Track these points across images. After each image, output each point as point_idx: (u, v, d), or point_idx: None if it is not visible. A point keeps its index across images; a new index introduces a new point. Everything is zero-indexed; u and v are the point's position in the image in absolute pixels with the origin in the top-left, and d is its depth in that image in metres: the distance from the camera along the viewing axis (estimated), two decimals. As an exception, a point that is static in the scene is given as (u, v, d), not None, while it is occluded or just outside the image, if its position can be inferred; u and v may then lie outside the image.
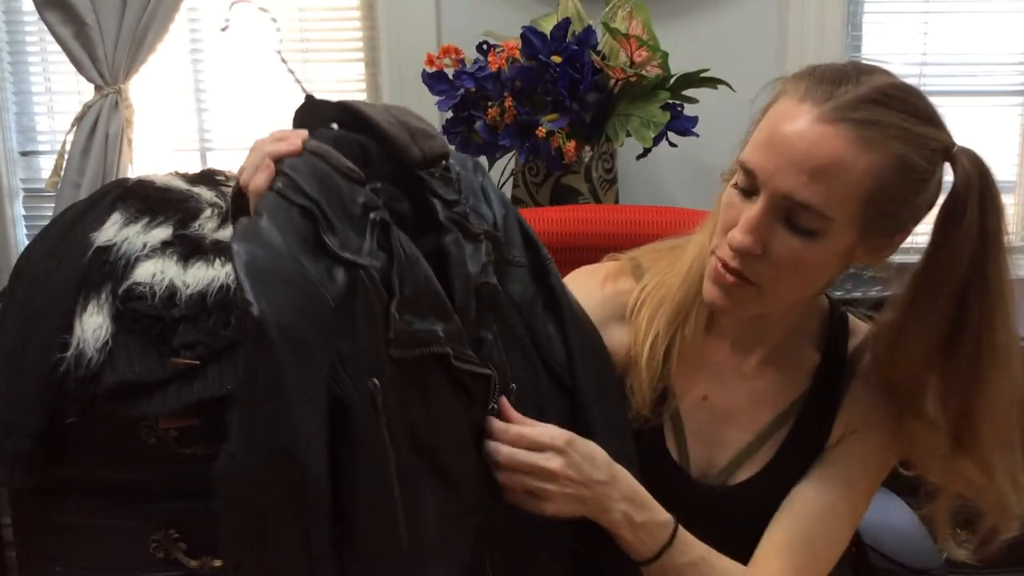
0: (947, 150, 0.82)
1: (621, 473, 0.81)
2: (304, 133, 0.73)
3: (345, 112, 0.77)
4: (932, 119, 0.82)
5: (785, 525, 0.89)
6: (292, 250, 0.65)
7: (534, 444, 0.77)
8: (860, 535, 1.09)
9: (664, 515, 0.83)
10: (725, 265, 0.82)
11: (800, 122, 0.77)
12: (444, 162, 0.77)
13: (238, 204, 0.72)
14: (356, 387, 0.65)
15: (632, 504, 0.81)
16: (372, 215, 0.69)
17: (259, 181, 0.68)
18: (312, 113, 0.78)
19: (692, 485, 0.92)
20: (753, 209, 0.79)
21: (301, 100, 0.78)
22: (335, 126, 0.77)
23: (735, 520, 0.89)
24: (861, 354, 0.94)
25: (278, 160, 0.69)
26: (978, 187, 0.80)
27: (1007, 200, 1.96)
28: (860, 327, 0.96)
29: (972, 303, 0.81)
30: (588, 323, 0.90)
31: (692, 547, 0.84)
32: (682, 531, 0.83)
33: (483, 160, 1.66)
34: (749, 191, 0.80)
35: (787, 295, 0.84)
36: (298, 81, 0.88)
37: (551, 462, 0.77)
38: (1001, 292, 0.81)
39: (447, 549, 0.73)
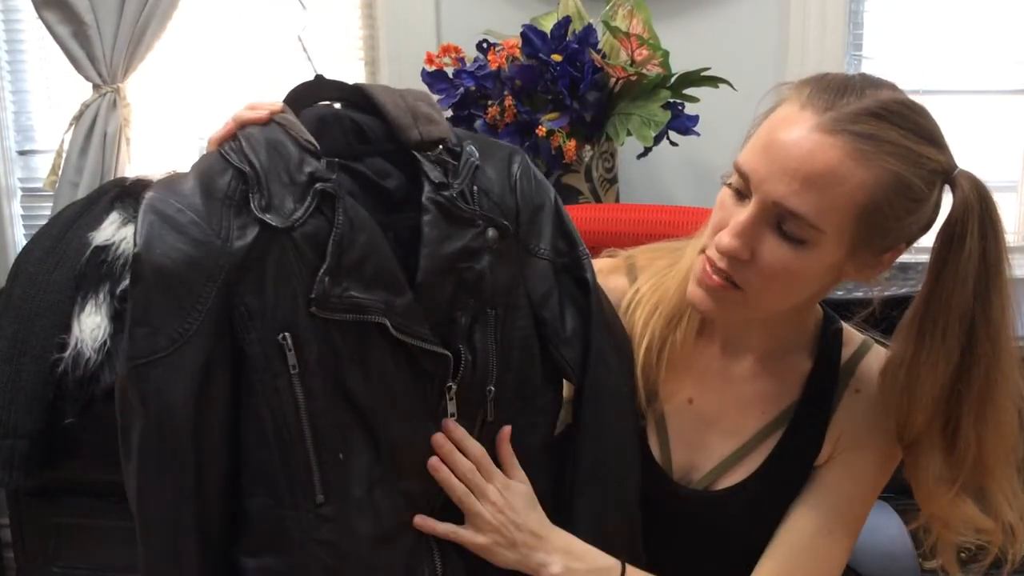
0: (947, 172, 0.80)
1: (555, 531, 0.82)
2: (277, 105, 0.79)
3: (356, 93, 0.84)
4: (934, 139, 0.79)
5: (779, 555, 0.87)
6: (199, 204, 0.73)
7: (487, 472, 0.81)
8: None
9: (607, 559, 0.83)
10: (712, 266, 0.81)
11: (798, 129, 0.76)
12: (442, 146, 0.80)
13: None
14: (260, 338, 0.73)
15: (571, 556, 0.81)
16: (317, 185, 0.74)
17: (215, 139, 0.77)
18: (313, 91, 0.85)
19: (673, 487, 0.91)
20: (743, 213, 0.78)
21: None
22: (337, 105, 0.83)
23: (717, 526, 0.88)
24: (855, 365, 0.92)
25: (242, 126, 0.77)
26: (978, 212, 0.79)
27: (1008, 200, 1.95)
28: (855, 337, 0.94)
29: (981, 335, 0.79)
30: (619, 328, 0.90)
31: None
32: (631, 569, 0.83)
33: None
34: (742, 193, 0.80)
35: (771, 303, 0.83)
36: (311, 61, 0.90)
37: (491, 492, 0.80)
38: (1005, 323, 0.80)
39: (372, 508, 0.76)
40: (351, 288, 0.74)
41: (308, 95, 0.85)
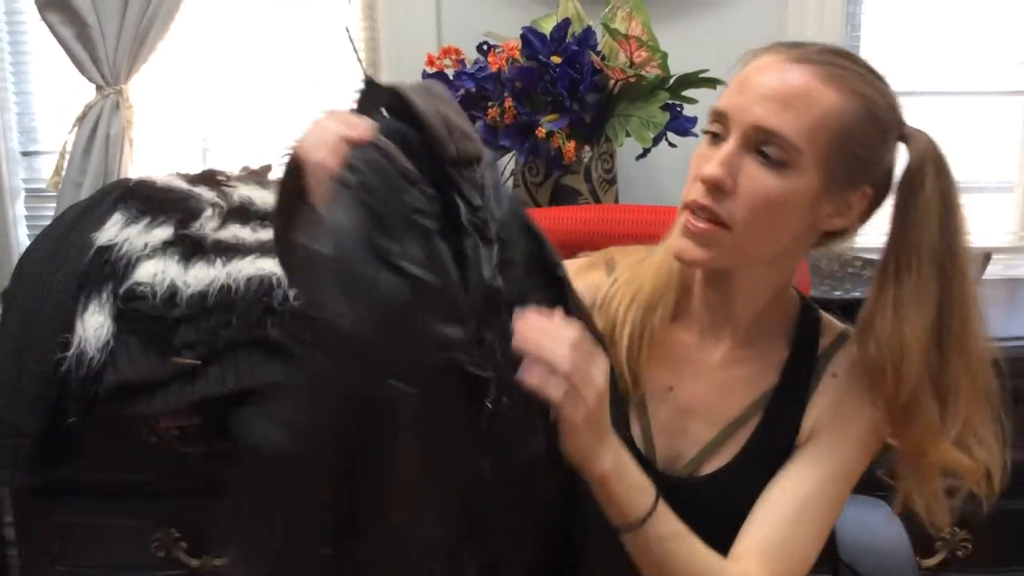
0: (901, 126, 0.86)
1: (613, 431, 0.80)
2: (372, 124, 0.72)
3: (395, 98, 0.75)
4: (889, 90, 0.86)
5: (761, 523, 0.87)
6: (359, 255, 0.65)
7: (586, 349, 0.75)
8: (838, 552, 1.09)
9: (647, 480, 0.81)
10: (697, 207, 0.82)
11: (769, 64, 0.82)
12: (476, 164, 0.76)
13: (291, 178, 0.71)
14: (399, 395, 0.66)
15: (620, 460, 0.79)
16: (421, 220, 0.68)
17: (329, 162, 0.67)
18: (371, 97, 0.76)
19: (659, 476, 0.91)
20: (725, 146, 0.81)
21: (360, 81, 0.77)
22: (383, 111, 0.77)
23: (703, 511, 0.88)
24: (832, 353, 0.93)
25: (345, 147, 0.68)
26: (933, 158, 0.85)
27: (1005, 200, 1.96)
28: (833, 326, 0.95)
29: (952, 270, 0.83)
30: (591, 323, 0.88)
31: (673, 518, 0.83)
32: (662, 501, 0.82)
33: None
34: (720, 137, 0.83)
35: (758, 242, 0.84)
36: (360, 61, 0.86)
37: (596, 373, 0.75)
38: (968, 258, 0.85)
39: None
40: (435, 327, 0.69)
41: (371, 102, 0.76)
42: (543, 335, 0.74)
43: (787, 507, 0.87)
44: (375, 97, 0.76)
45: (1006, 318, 1.74)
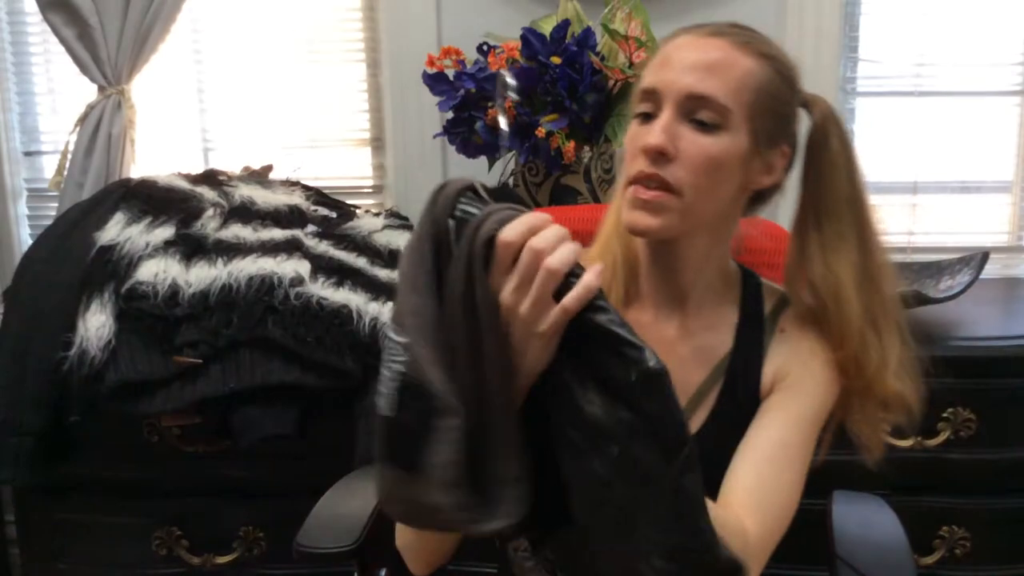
0: (802, 90, 0.95)
1: None
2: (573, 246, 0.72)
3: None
4: (790, 58, 0.96)
5: (742, 472, 0.89)
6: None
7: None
8: (835, 548, 1.10)
9: None
10: (644, 177, 0.86)
11: (687, 41, 0.89)
12: None
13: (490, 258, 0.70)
14: None
15: None
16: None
17: (576, 299, 0.69)
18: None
19: None
20: (661, 117, 0.87)
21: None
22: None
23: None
24: (778, 313, 0.97)
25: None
26: (833, 118, 0.94)
27: (1002, 200, 1.97)
28: (775, 289, 1.00)
29: (863, 214, 0.93)
30: None
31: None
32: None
33: (483, 159, 1.67)
34: (651, 114, 0.88)
35: (703, 204, 0.88)
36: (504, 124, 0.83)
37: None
38: (871, 203, 0.94)
39: None
40: None
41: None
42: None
43: (763, 452, 0.89)
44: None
45: (1004, 317, 1.74)
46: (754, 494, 0.87)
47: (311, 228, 1.67)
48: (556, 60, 1.54)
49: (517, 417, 0.71)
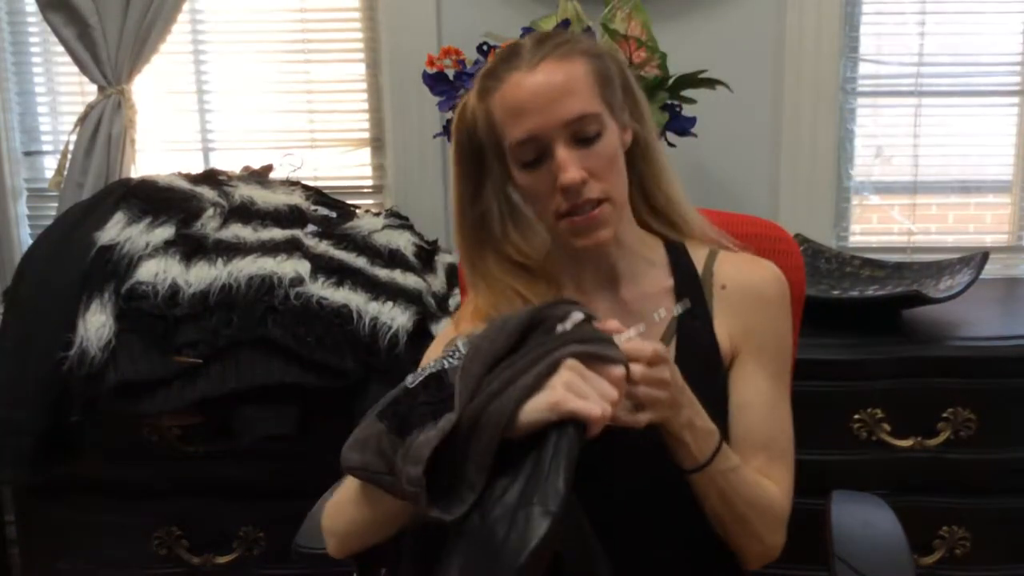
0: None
1: (686, 385, 0.90)
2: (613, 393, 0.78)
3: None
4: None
5: (749, 433, 0.98)
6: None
7: (659, 359, 0.84)
8: (834, 547, 1.10)
9: (712, 424, 0.91)
10: (579, 206, 0.93)
11: (522, 82, 0.93)
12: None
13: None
14: None
15: (694, 410, 0.90)
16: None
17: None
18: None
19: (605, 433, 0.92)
20: (558, 153, 0.92)
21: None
22: None
23: (654, 456, 0.92)
24: (711, 267, 1.03)
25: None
26: (623, 64, 1.03)
27: (1001, 200, 1.97)
28: (699, 247, 1.05)
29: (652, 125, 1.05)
30: None
31: (731, 454, 0.93)
32: (723, 441, 0.92)
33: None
34: (538, 158, 0.94)
35: (623, 192, 0.97)
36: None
37: (665, 373, 0.85)
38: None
39: None
40: None
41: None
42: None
43: (762, 411, 0.99)
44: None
45: (1004, 317, 1.74)
46: (769, 449, 0.98)
47: (311, 228, 1.67)
48: (556, 60, 1.54)
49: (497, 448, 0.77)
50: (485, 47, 1.62)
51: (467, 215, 1.01)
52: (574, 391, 0.75)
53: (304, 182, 1.84)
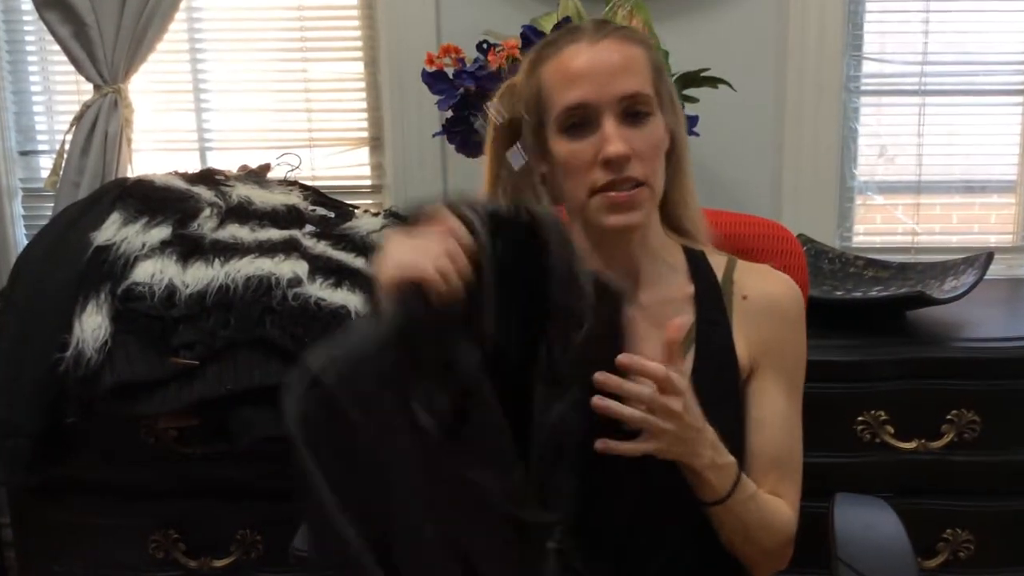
0: None
1: (707, 424, 0.90)
2: (463, 256, 0.75)
3: (528, 230, 0.79)
4: None
5: (763, 449, 0.98)
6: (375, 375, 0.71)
7: (672, 388, 0.84)
8: (836, 550, 1.09)
9: (730, 457, 0.92)
10: (618, 181, 0.92)
11: (584, 52, 0.94)
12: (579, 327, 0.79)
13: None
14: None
15: (715, 450, 0.90)
16: (462, 382, 0.72)
17: (394, 279, 0.74)
18: (500, 223, 0.79)
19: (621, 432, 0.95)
20: (606, 126, 0.92)
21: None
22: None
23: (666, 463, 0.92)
24: (731, 276, 1.03)
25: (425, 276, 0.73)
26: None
27: (1006, 200, 1.96)
28: (719, 255, 1.05)
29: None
30: None
31: (748, 483, 0.94)
32: (737, 467, 0.93)
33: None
34: (584, 123, 0.93)
35: (660, 182, 0.97)
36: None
37: (676, 404, 0.85)
38: None
39: None
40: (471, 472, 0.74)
41: (497, 225, 0.80)
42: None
43: (777, 427, 0.99)
44: (506, 225, 0.79)
45: (1009, 318, 1.74)
46: (781, 467, 0.99)
47: (309, 228, 1.66)
48: (556, 58, 1.53)
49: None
50: (485, 45, 1.61)
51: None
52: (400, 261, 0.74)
53: (302, 182, 1.83)
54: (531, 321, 0.79)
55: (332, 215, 1.74)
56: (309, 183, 1.85)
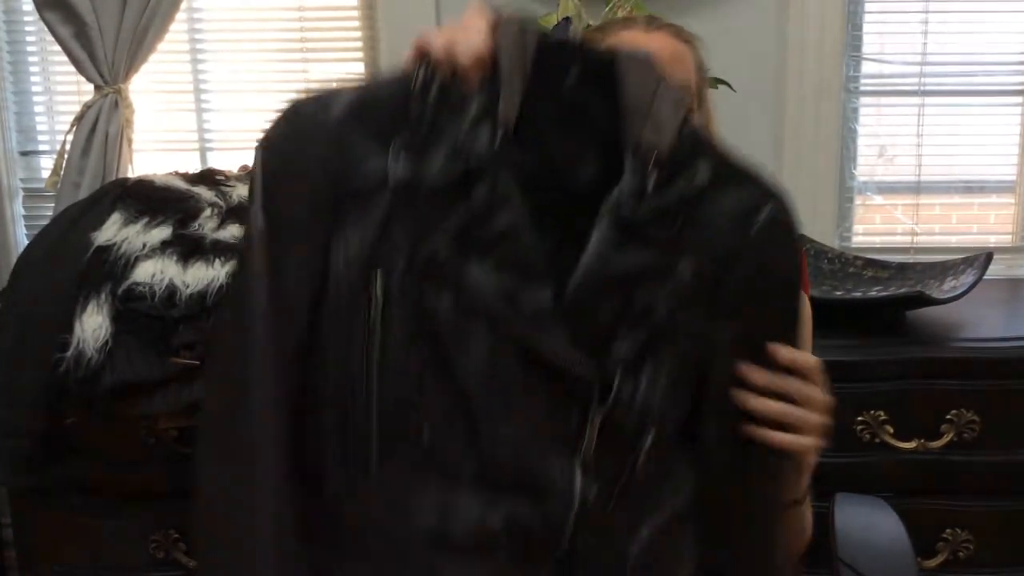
0: None
1: None
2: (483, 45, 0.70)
3: (601, 62, 0.72)
4: None
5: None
6: (335, 121, 0.70)
7: (819, 378, 0.78)
8: (837, 550, 1.09)
9: None
10: None
11: (637, 38, 0.98)
12: (655, 154, 0.70)
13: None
14: (347, 276, 0.68)
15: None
16: (472, 159, 0.67)
17: (420, 48, 0.70)
18: (554, 54, 0.72)
19: None
20: None
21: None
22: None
23: None
24: None
25: (448, 56, 0.69)
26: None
27: (1005, 200, 1.96)
28: None
29: None
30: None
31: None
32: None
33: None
34: None
35: None
36: None
37: (819, 392, 0.78)
38: None
39: (444, 507, 0.68)
40: (472, 267, 0.67)
41: (545, 50, 0.71)
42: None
43: None
44: (566, 57, 0.72)
45: (1008, 318, 1.74)
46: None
47: (309, 228, 1.65)
48: (556, 59, 1.53)
49: None
50: (485, 46, 1.61)
51: None
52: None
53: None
54: (602, 159, 0.71)
55: (332, 215, 1.74)
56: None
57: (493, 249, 0.67)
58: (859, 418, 1.44)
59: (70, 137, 1.87)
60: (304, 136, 0.71)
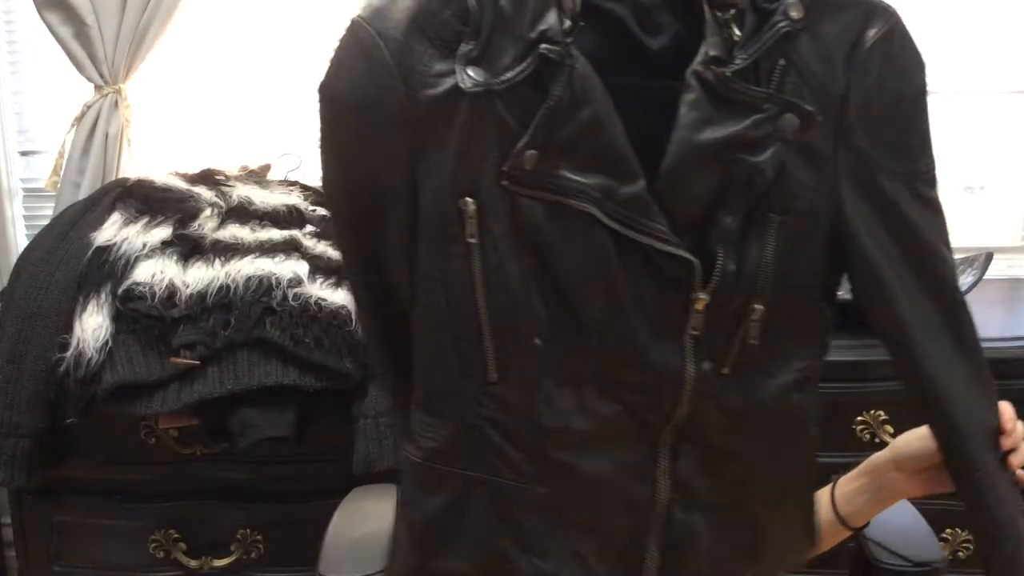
0: None
1: None
2: None
3: None
4: None
5: None
6: (400, 36, 0.68)
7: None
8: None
9: None
10: None
11: None
12: (734, 9, 0.65)
13: None
14: (436, 201, 0.68)
15: None
16: (542, 47, 0.64)
17: None
18: None
19: None
20: None
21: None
22: None
23: None
24: None
25: None
26: None
27: (1009, 199, 1.96)
28: None
29: None
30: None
31: None
32: None
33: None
34: None
35: None
36: None
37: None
38: None
39: (563, 403, 0.69)
40: (561, 167, 0.66)
41: None
42: None
43: None
44: None
45: (1009, 318, 1.74)
46: None
47: (309, 228, 1.65)
48: (556, 59, 1.53)
49: None
50: (485, 46, 1.61)
51: None
52: None
53: (302, 182, 1.83)
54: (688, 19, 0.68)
55: (332, 215, 1.74)
56: (309, 183, 1.84)
57: (581, 145, 0.65)
58: (859, 418, 1.44)
59: (70, 137, 1.87)
60: (372, 55, 0.71)
